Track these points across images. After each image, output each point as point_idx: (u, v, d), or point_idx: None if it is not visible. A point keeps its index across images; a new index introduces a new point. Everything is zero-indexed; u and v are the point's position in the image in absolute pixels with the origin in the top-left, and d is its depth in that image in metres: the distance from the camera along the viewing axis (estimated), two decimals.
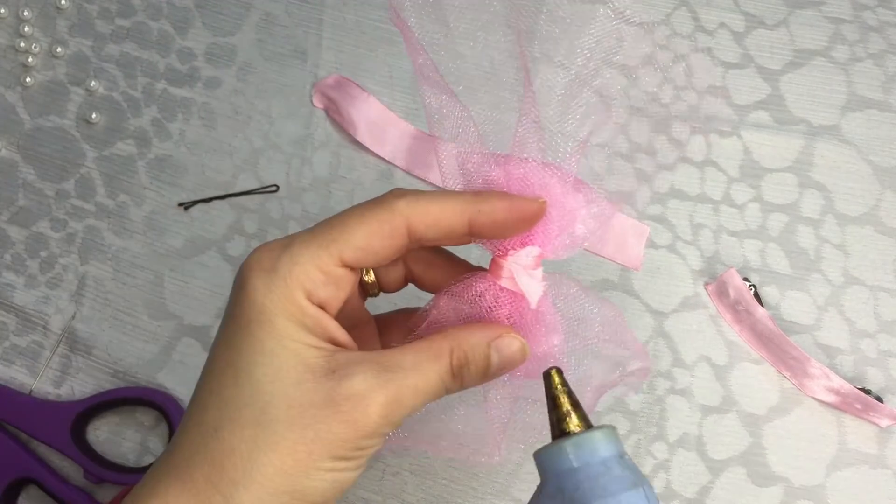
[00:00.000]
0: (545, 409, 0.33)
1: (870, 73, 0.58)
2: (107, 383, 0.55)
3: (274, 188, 0.58)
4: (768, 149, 0.57)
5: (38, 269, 0.58)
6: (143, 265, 0.57)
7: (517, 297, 0.33)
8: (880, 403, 0.51)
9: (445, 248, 0.37)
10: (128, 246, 0.58)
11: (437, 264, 0.36)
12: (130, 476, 0.52)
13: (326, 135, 0.59)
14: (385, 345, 0.37)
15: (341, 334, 0.32)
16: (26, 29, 0.62)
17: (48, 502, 0.53)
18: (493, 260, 0.33)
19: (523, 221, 0.32)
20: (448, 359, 0.32)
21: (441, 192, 0.32)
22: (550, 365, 0.33)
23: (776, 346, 0.52)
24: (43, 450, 0.54)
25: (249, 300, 0.31)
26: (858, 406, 0.51)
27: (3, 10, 0.62)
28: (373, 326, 0.37)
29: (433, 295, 0.35)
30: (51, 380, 0.55)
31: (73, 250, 0.58)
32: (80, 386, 0.55)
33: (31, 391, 0.55)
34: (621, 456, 0.29)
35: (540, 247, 0.33)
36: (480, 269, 0.35)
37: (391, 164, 0.58)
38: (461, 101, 0.33)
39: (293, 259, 0.31)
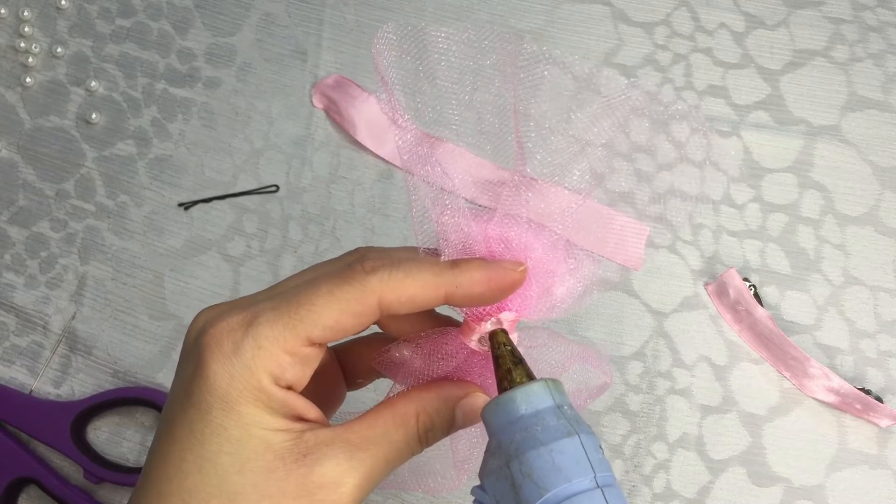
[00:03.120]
0: None
1: (870, 73, 0.58)
2: (107, 383, 0.55)
3: (274, 188, 0.58)
4: (768, 149, 0.57)
5: (38, 269, 0.58)
6: (143, 265, 0.57)
7: (488, 356, 0.32)
8: (880, 404, 0.51)
9: None
10: (128, 246, 0.58)
11: (404, 317, 0.34)
12: (130, 476, 0.52)
13: (326, 135, 0.59)
14: (349, 382, 0.37)
15: (310, 410, 0.30)
16: (26, 29, 0.62)
17: (48, 502, 0.53)
18: (465, 322, 0.32)
19: (503, 293, 0.30)
20: (415, 423, 0.31)
21: (414, 262, 0.30)
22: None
23: (776, 346, 0.52)
24: (43, 450, 0.54)
25: (210, 386, 0.28)
26: (858, 406, 0.51)
27: (3, 10, 0.62)
28: (336, 367, 0.36)
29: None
30: (51, 380, 0.55)
31: (73, 250, 0.58)
32: (80, 386, 0.55)
33: (31, 391, 0.55)
34: (559, 407, 0.29)
35: (517, 312, 0.32)
36: (449, 321, 0.34)
37: (391, 164, 0.58)
38: (439, 154, 0.31)
39: (257, 342, 0.29)
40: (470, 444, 0.36)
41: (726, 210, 0.56)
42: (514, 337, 0.32)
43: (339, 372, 0.36)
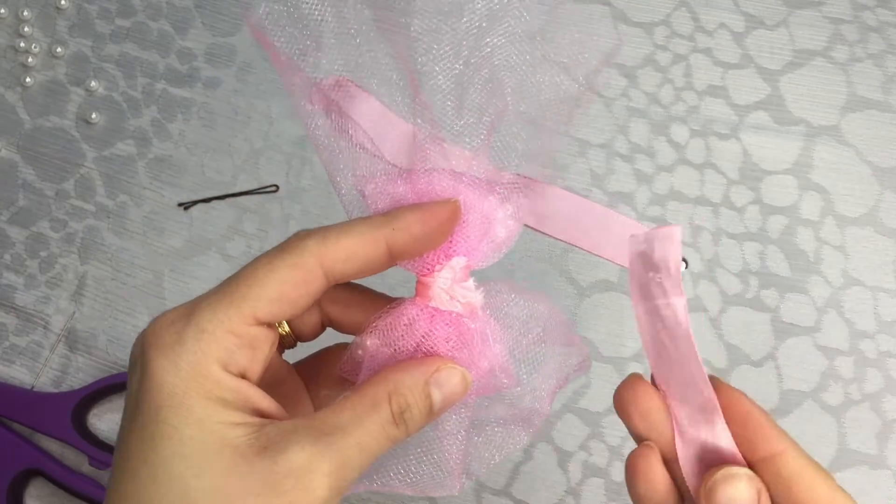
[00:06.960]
0: (503, 426, 0.31)
1: (870, 74, 0.58)
2: None
3: (274, 188, 0.58)
4: (768, 151, 0.57)
5: (37, 269, 0.58)
6: (142, 265, 0.57)
7: (451, 316, 0.31)
8: None
9: (361, 284, 0.33)
10: (127, 246, 0.58)
11: (355, 302, 0.33)
12: None
13: None
14: (314, 396, 0.35)
15: (267, 403, 0.28)
16: (26, 29, 0.62)
17: (56, 492, 0.53)
18: (418, 281, 0.31)
19: (441, 229, 0.30)
20: (387, 406, 0.28)
21: (348, 223, 0.29)
22: (498, 377, 0.31)
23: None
24: (47, 442, 0.54)
25: (155, 384, 0.26)
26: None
27: (3, 10, 0.62)
28: (297, 380, 0.34)
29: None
30: (51, 380, 0.56)
31: (73, 250, 0.58)
32: (80, 385, 0.55)
33: (31, 389, 0.55)
34: None
35: (465, 255, 0.31)
36: (402, 298, 0.33)
37: (391, 164, 0.58)
38: (348, 123, 0.31)
39: (199, 327, 0.27)
40: (458, 440, 0.33)
41: (726, 213, 0.56)
42: (470, 283, 0.31)
43: (302, 387, 0.34)
